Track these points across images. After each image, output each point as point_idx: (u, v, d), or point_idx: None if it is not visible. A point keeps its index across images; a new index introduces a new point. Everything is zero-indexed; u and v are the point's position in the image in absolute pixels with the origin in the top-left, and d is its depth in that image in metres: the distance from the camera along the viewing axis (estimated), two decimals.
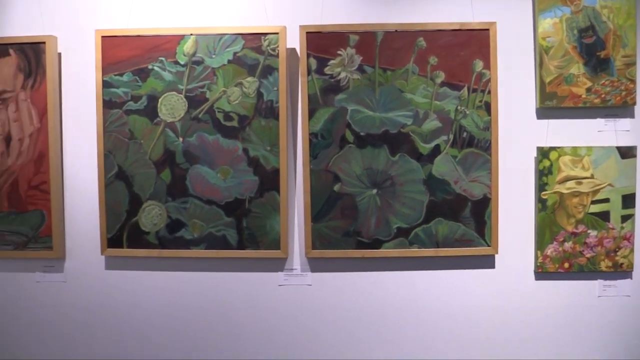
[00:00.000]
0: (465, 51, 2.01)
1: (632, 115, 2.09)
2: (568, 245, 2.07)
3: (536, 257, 2.08)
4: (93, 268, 2.16)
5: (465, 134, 2.03)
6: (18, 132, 2.10)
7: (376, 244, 2.05)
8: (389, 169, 2.04)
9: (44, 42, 2.06)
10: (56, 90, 2.09)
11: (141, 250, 2.08)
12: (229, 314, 2.14)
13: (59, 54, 2.12)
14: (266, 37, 2.02)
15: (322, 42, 2.01)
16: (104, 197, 2.07)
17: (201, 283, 2.13)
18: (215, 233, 2.07)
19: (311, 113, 2.03)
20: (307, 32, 2.00)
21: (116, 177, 2.07)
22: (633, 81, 2.03)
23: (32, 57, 2.07)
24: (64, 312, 2.17)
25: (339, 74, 2.02)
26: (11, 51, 2.08)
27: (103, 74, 2.05)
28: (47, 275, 2.17)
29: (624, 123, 2.08)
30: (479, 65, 2.01)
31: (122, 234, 2.09)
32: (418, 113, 2.03)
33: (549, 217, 2.06)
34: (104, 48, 2.04)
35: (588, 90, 2.04)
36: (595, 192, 2.05)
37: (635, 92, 2.04)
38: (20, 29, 2.14)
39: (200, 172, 2.05)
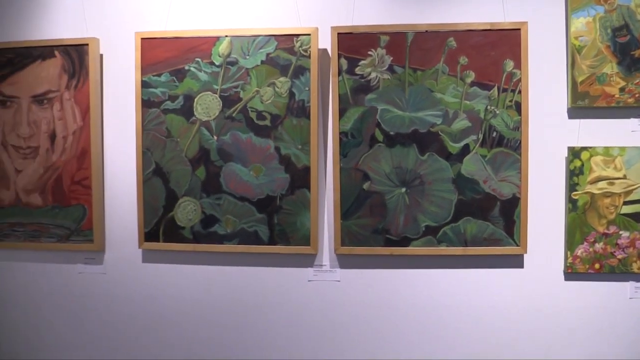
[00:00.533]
0: (496, 51, 2.02)
1: None
2: (599, 246, 2.06)
3: (566, 258, 2.08)
4: (131, 261, 2.25)
5: (495, 133, 2.04)
6: (62, 130, 2.21)
7: (404, 241, 2.08)
8: (418, 168, 2.06)
9: (87, 44, 2.16)
10: (98, 90, 2.19)
11: (176, 245, 2.17)
12: (259, 308, 2.20)
13: (101, 55, 2.22)
14: (298, 38, 2.07)
15: (353, 42, 2.05)
16: (141, 193, 2.16)
17: (233, 277, 2.20)
18: (247, 229, 2.13)
19: (342, 112, 2.07)
20: (338, 33, 2.05)
21: (153, 174, 2.16)
22: None
23: (75, 58, 2.18)
24: (104, 302, 2.27)
25: (370, 74, 2.06)
26: (56, 52, 2.19)
27: (142, 74, 2.13)
28: (89, 267, 2.27)
29: None
30: (509, 65, 2.02)
31: (159, 228, 2.17)
32: (448, 112, 2.04)
33: (579, 218, 2.05)
34: (143, 49, 2.12)
35: (621, 89, 2.02)
36: (628, 192, 2.03)
37: None
38: (65, 31, 2.25)
39: (234, 170, 2.12)
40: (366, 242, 2.10)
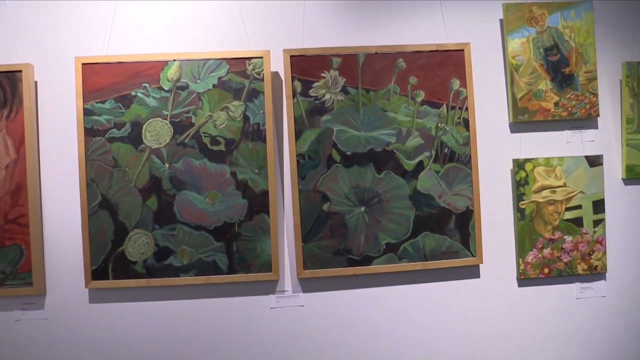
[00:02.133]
0: (443, 71, 2.11)
1: (596, 127, 2.24)
2: (547, 251, 2.17)
3: (518, 265, 2.17)
4: (76, 302, 2.07)
5: (446, 149, 2.11)
6: None
7: (366, 260, 2.09)
8: (376, 186, 2.09)
9: (20, 71, 2.00)
10: (33, 119, 2.03)
11: (128, 281, 2.03)
12: (221, 341, 2.10)
13: (36, 82, 2.06)
14: (251, 62, 2.04)
15: (305, 65, 2.06)
16: (87, 228, 2.01)
17: (192, 311, 2.09)
18: (205, 259, 2.04)
19: (298, 134, 2.06)
20: (291, 56, 2.05)
21: (100, 207, 2.02)
22: (595, 94, 2.18)
23: (7, 86, 2.01)
24: (46, 351, 2.07)
25: (324, 95, 2.07)
26: None
27: (84, 101, 2.01)
28: (27, 312, 2.06)
29: (589, 134, 2.23)
30: (456, 83, 2.11)
31: (108, 265, 2.03)
32: (401, 131, 2.10)
33: (527, 226, 2.16)
34: (85, 75, 2.01)
35: (556, 104, 2.17)
36: (569, 199, 2.17)
37: (597, 104, 2.19)
38: None
39: (188, 198, 2.03)
40: (328, 263, 2.08)
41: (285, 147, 2.10)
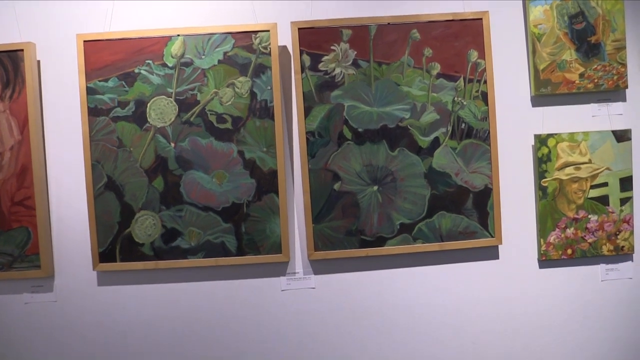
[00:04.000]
0: (460, 41, 1.99)
1: (624, 99, 2.10)
2: (570, 231, 2.07)
3: (539, 245, 2.07)
4: (85, 285, 2.05)
5: (463, 125, 2.01)
6: None
7: (380, 241, 2.01)
8: (389, 164, 2.00)
9: (21, 50, 1.95)
10: (37, 99, 1.99)
11: (136, 264, 1.99)
12: (231, 324, 2.06)
13: (38, 62, 2.01)
14: (257, 35, 1.96)
15: (314, 38, 1.97)
16: (93, 210, 1.97)
17: (200, 293, 2.05)
18: (213, 240, 1.99)
19: (307, 111, 1.98)
20: (299, 29, 1.96)
21: (106, 188, 1.98)
22: (624, 65, 2.04)
23: (9, 65, 1.96)
24: (55, 333, 2.05)
25: (334, 69, 1.98)
26: None
27: (87, 80, 1.95)
28: (36, 295, 2.05)
29: (617, 107, 2.10)
30: (473, 55, 2.00)
31: (115, 247, 1.99)
32: (415, 106, 2.00)
33: (550, 205, 2.05)
34: (87, 53, 1.95)
35: (581, 75, 2.04)
36: (594, 176, 2.05)
37: (626, 75, 2.05)
38: None
39: (195, 178, 1.98)
40: (340, 244, 2.01)
41: (294, 124, 2.02)
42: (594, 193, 2.06)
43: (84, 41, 1.95)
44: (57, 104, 2.03)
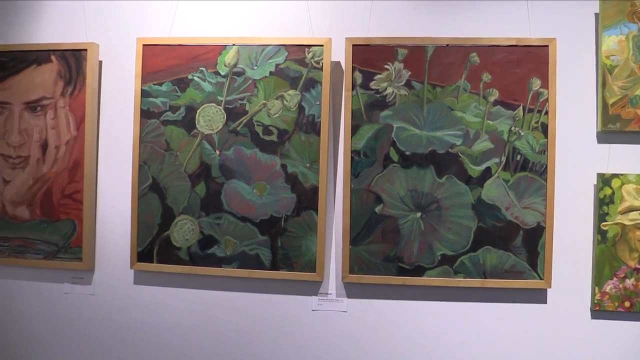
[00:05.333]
0: (522, 68, 1.88)
1: None
2: (630, 282, 1.89)
3: (593, 294, 1.91)
4: (121, 282, 2.09)
5: (519, 156, 1.89)
6: (55, 140, 2.07)
7: (418, 271, 1.92)
8: (435, 192, 1.91)
9: (85, 49, 2.03)
10: (95, 98, 2.06)
11: (171, 266, 2.00)
12: (258, 337, 2.03)
13: (100, 62, 2.09)
14: (310, 49, 1.93)
15: (368, 55, 1.92)
16: (136, 209, 2.01)
17: (231, 303, 2.04)
18: (248, 252, 1.97)
19: (354, 129, 1.93)
20: (353, 45, 1.92)
21: (150, 189, 2.01)
22: None
23: (73, 64, 2.05)
24: (89, 325, 2.10)
25: (385, 89, 1.92)
26: (53, 57, 2.06)
27: (142, 83, 2.00)
28: (76, 287, 2.11)
29: None
30: (536, 83, 1.88)
31: (153, 248, 2.02)
32: (468, 133, 1.90)
33: (609, 250, 1.89)
34: (145, 57, 2.00)
35: None
36: None
37: None
38: (64, 35, 2.12)
39: (236, 187, 1.97)
40: (376, 270, 1.93)
41: (341, 141, 1.98)
42: None
43: (143, 45, 2.00)
44: (113, 104, 2.09)
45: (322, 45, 1.92)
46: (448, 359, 1.96)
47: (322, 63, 1.92)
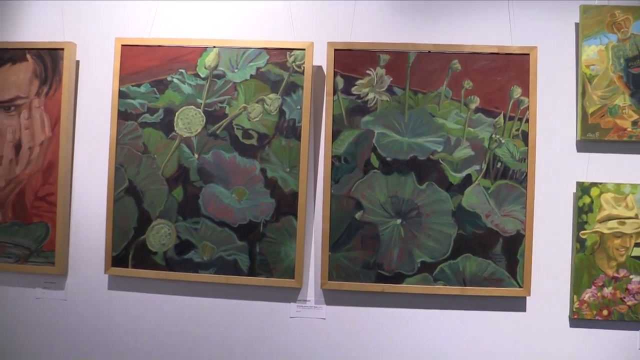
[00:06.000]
0: (503, 76, 1.88)
1: None
2: (608, 290, 1.89)
3: (572, 302, 1.91)
4: (95, 287, 2.04)
5: (499, 164, 1.89)
6: (29, 140, 2.02)
7: (398, 278, 1.90)
8: (416, 198, 1.90)
9: (62, 49, 1.99)
10: (71, 98, 2.01)
11: (147, 272, 1.96)
12: (235, 345, 1.99)
13: (77, 62, 2.04)
14: (292, 53, 1.92)
15: (350, 60, 1.91)
16: (112, 213, 1.96)
17: (208, 310, 2.00)
18: (226, 257, 1.94)
19: (335, 134, 1.91)
20: (335, 50, 1.90)
21: (126, 192, 1.97)
22: None
23: (49, 63, 2.00)
24: (62, 331, 2.05)
25: (367, 94, 1.91)
26: (28, 56, 2.01)
27: (120, 84, 1.96)
28: (48, 292, 2.05)
29: None
30: (517, 91, 1.88)
31: (128, 252, 1.97)
32: (449, 140, 1.89)
33: (587, 259, 1.89)
34: (123, 57, 1.96)
35: (634, 123, 1.89)
36: None
37: None
38: (42, 34, 2.08)
39: (215, 192, 1.94)
40: (356, 277, 1.91)
41: (321, 147, 1.96)
42: (639, 252, 1.88)
43: (122, 45, 1.96)
44: (90, 104, 2.05)
45: (304, 49, 1.91)
46: None
47: (304, 67, 1.91)
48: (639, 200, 1.88)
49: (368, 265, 1.91)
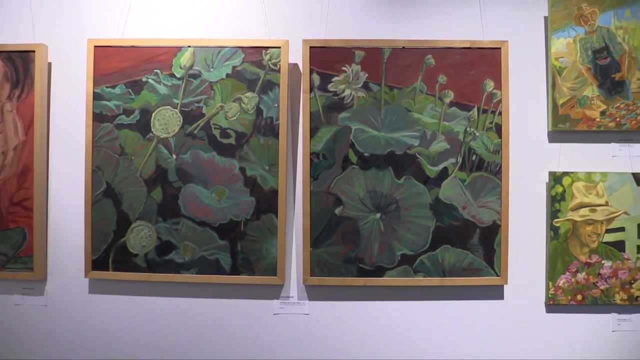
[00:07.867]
0: (476, 70, 1.92)
1: None
2: (581, 276, 1.96)
3: (547, 289, 1.96)
4: (76, 291, 2.02)
5: (474, 156, 1.93)
6: (2, 145, 1.98)
7: (379, 271, 1.93)
8: (394, 192, 1.93)
9: (33, 51, 1.95)
10: (44, 101, 1.98)
11: (128, 274, 1.95)
12: (220, 344, 2.00)
13: (49, 64, 2.01)
14: (267, 51, 1.92)
15: (326, 57, 1.92)
16: (90, 216, 1.95)
17: (191, 309, 2.00)
18: (207, 257, 1.94)
19: (313, 132, 1.93)
20: (310, 47, 1.91)
21: (104, 195, 1.95)
22: None
23: (20, 66, 1.97)
24: (43, 337, 2.02)
25: (343, 91, 1.93)
26: None
27: (94, 85, 1.94)
28: (27, 298, 2.02)
29: (639, 148, 1.99)
30: (489, 85, 1.92)
31: (108, 255, 1.96)
32: (425, 134, 1.93)
33: (561, 246, 1.95)
34: (96, 58, 1.93)
35: (602, 113, 1.95)
36: (610, 220, 1.94)
37: None
38: (10, 36, 2.03)
39: (194, 192, 1.93)
40: (337, 272, 1.94)
41: (299, 144, 1.97)
42: (609, 237, 1.95)
43: (95, 46, 1.94)
44: (64, 107, 2.02)
45: (279, 47, 1.91)
46: (410, 357, 1.98)
47: (280, 65, 1.91)
48: (609, 187, 1.94)
49: (349, 259, 1.93)
